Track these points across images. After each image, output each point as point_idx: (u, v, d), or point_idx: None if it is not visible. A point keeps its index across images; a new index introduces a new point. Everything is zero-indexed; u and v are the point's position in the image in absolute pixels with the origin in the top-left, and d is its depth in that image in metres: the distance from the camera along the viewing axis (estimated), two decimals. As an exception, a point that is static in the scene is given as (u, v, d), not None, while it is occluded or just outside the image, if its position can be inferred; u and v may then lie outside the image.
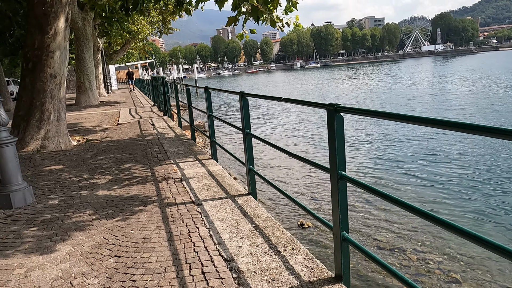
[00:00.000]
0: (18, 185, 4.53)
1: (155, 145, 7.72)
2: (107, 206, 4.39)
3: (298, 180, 8.76)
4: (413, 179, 8.68)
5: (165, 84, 11.98)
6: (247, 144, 4.25)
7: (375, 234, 6.07)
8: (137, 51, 42.58)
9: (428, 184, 8.37)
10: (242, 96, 4.16)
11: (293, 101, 3.22)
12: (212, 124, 6.19)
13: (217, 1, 5.42)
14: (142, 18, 24.02)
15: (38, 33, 7.58)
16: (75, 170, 6.16)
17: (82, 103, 19.54)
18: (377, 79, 49.58)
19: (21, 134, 7.65)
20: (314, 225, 6.31)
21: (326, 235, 5.98)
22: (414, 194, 7.81)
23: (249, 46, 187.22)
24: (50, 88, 7.76)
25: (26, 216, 4.23)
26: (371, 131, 14.53)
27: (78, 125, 11.86)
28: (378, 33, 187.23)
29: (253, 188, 4.35)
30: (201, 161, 6.13)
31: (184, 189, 4.74)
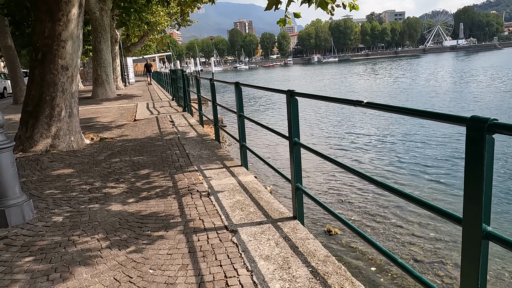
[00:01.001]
0: (15, 199, 3.77)
1: (176, 147, 6.91)
2: (120, 227, 3.58)
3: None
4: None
5: (185, 77, 11.16)
6: (294, 157, 3.37)
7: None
8: (155, 44, 42.01)
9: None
10: (291, 95, 3.28)
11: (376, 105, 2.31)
12: (243, 126, 5.33)
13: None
14: (161, 9, 23.28)
15: (48, 20, 6.82)
16: (86, 176, 5.39)
17: (99, 96, 18.95)
18: (396, 74, 47.88)
19: (29, 131, 6.95)
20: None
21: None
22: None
23: (266, 39, 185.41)
24: (61, 81, 7.02)
25: (22, 239, 3.46)
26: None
27: (93, 120, 11.18)
28: (399, 27, 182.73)
29: (300, 211, 3.48)
30: (230, 169, 5.28)
31: (213, 207, 3.90)
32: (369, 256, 5.54)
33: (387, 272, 5.17)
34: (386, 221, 6.44)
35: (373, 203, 7.14)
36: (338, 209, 7.02)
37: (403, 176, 8.61)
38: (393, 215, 6.64)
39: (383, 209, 6.91)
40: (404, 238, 5.84)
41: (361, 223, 6.43)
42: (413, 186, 7.89)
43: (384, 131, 13.52)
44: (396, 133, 13.03)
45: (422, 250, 5.67)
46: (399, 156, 10.26)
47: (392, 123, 14.64)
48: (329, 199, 7.54)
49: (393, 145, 11.52)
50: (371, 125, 14.86)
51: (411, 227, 6.14)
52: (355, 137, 13.04)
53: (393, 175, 8.64)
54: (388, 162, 9.70)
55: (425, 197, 7.14)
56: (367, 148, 11.39)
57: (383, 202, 7.10)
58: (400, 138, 12.25)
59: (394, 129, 13.67)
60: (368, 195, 7.51)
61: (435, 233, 6.08)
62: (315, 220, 6.52)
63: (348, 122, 16.03)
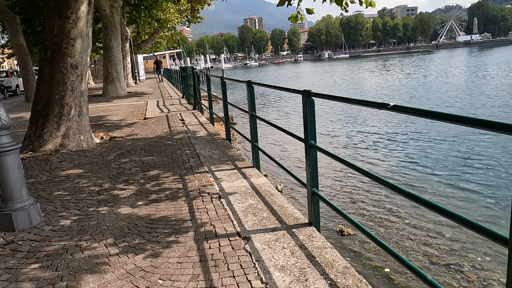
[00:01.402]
0: (22, 202, 3.67)
1: (186, 146, 6.78)
2: (129, 232, 3.46)
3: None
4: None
5: (196, 75, 11.02)
6: (310, 160, 3.19)
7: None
8: (165, 41, 42.05)
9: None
10: (308, 96, 3.10)
11: (405, 109, 2.12)
12: (255, 126, 5.16)
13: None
14: (171, 6, 23.18)
15: (57, 18, 6.73)
16: (95, 177, 5.29)
17: (109, 94, 18.96)
18: (407, 71, 47.07)
19: (39, 131, 6.89)
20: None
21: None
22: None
23: (276, 36, 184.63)
24: (70, 80, 6.94)
25: (28, 245, 3.36)
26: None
27: (103, 119, 11.13)
28: (411, 22, 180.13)
29: (316, 218, 3.31)
30: (241, 170, 5.12)
31: (225, 212, 3.75)
32: (383, 258, 5.36)
33: (402, 274, 5.00)
34: (406, 227, 6.22)
35: (390, 208, 6.92)
36: (353, 213, 6.83)
37: (429, 182, 8.20)
38: (414, 220, 6.43)
39: (401, 214, 6.69)
40: (424, 242, 5.64)
41: (377, 228, 6.23)
42: (441, 196, 7.50)
43: (406, 134, 12.86)
44: (420, 136, 12.29)
45: (438, 252, 5.48)
46: (425, 161, 9.63)
47: (415, 125, 13.95)
48: (343, 202, 7.35)
49: (416, 148, 10.92)
50: (392, 126, 14.28)
51: (437, 236, 5.93)
52: (373, 138, 12.58)
53: (418, 182, 8.26)
54: (412, 168, 9.16)
55: (451, 206, 6.86)
56: (387, 151, 10.89)
57: (403, 208, 6.88)
58: (424, 142, 11.54)
59: (417, 132, 12.98)
60: (386, 200, 7.27)
61: (451, 234, 5.86)
62: (326, 219, 6.35)
63: (366, 122, 15.63)
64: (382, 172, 8.98)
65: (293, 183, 8.11)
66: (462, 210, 6.73)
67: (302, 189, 7.46)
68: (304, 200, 7.04)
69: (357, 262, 5.33)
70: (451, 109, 17.58)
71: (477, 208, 6.82)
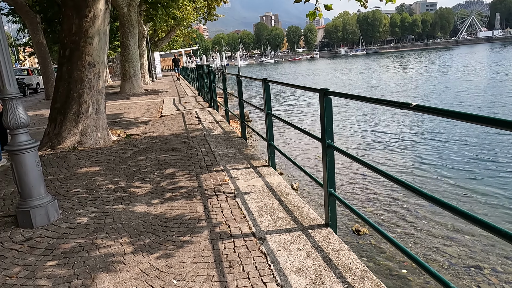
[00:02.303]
0: (40, 199, 3.72)
1: (201, 144, 6.78)
2: (144, 231, 3.46)
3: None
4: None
5: (212, 73, 11.02)
6: (327, 160, 3.12)
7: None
8: (181, 38, 42.27)
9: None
10: (325, 95, 3.03)
11: (428, 109, 2.03)
12: (271, 124, 5.11)
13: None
14: (187, 4, 23.27)
15: (75, 17, 6.81)
16: (111, 174, 5.34)
17: (127, 91, 19.18)
18: (426, 68, 46.08)
19: (58, 128, 6.99)
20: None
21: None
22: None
23: (292, 33, 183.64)
24: (88, 78, 7.02)
25: (46, 242, 3.39)
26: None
27: (120, 116, 11.25)
28: (430, 18, 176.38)
29: (333, 219, 3.24)
30: (256, 169, 5.08)
31: (240, 211, 3.72)
32: (400, 258, 5.25)
33: (419, 276, 4.89)
34: (424, 228, 6.09)
35: (407, 209, 6.77)
36: (370, 213, 6.71)
37: (449, 184, 7.95)
38: (432, 221, 6.28)
39: (419, 215, 6.54)
40: (442, 244, 5.50)
41: (394, 229, 6.11)
42: (460, 198, 7.26)
43: (426, 134, 12.48)
44: (441, 137, 11.90)
45: (457, 254, 5.33)
46: (445, 162, 9.33)
47: (436, 125, 13.52)
48: (360, 202, 7.23)
49: (437, 149, 10.60)
50: (411, 126, 13.94)
51: (456, 238, 5.78)
52: (390, 138, 12.30)
53: (437, 183, 8.02)
54: (431, 169, 8.90)
55: (470, 208, 6.65)
56: (405, 151, 10.63)
57: (420, 209, 6.73)
58: (445, 142, 11.18)
59: (438, 132, 12.60)
60: (403, 201, 7.12)
61: (471, 236, 5.70)
62: (342, 217, 6.26)
63: (383, 121, 15.35)
64: (399, 173, 8.80)
65: (308, 181, 8.03)
66: (483, 213, 6.54)
67: (318, 188, 7.38)
68: (320, 200, 6.96)
69: (374, 262, 5.25)
70: (473, 108, 17.11)
71: (498, 211, 6.61)
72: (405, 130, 13.37)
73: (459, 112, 1.75)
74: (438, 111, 1.85)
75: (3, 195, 4.77)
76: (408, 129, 13.51)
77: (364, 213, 6.47)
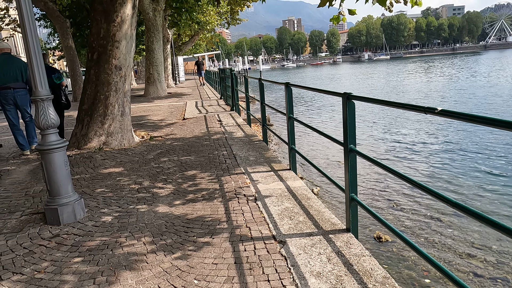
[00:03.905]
0: (67, 198, 3.84)
1: (223, 147, 6.84)
2: (166, 231, 3.52)
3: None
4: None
5: (234, 76, 11.12)
6: (350, 165, 3.11)
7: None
8: (204, 42, 42.80)
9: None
10: (348, 99, 3.02)
11: (454, 114, 2.00)
12: (292, 128, 5.11)
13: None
14: (211, 9, 23.58)
15: (104, 21, 7.02)
16: (135, 175, 5.45)
17: (151, 94, 19.56)
18: (451, 73, 44.91)
19: (85, 129, 7.21)
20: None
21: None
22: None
23: (314, 37, 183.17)
24: (114, 80, 7.21)
25: (72, 239, 3.50)
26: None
27: (144, 119, 11.48)
28: (457, 22, 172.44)
29: (354, 224, 3.21)
30: (277, 172, 5.09)
31: (260, 214, 3.73)
32: (422, 267, 5.14)
33: (443, 285, 4.76)
34: (449, 236, 5.94)
35: (431, 216, 6.62)
36: (392, 220, 6.60)
37: (474, 190, 7.73)
38: (458, 230, 6.12)
39: (443, 223, 6.39)
40: (468, 253, 5.34)
41: (417, 237, 5.98)
42: (487, 205, 7.03)
43: (451, 139, 12.20)
44: (467, 143, 11.59)
45: (484, 265, 5.17)
46: (471, 169, 9.11)
47: (463, 131, 13.16)
48: (382, 208, 7.12)
49: (462, 155, 10.32)
50: (436, 131, 13.62)
51: (483, 248, 5.62)
52: (413, 143, 12.04)
53: (462, 190, 7.82)
54: (457, 175, 8.70)
55: (498, 217, 6.46)
56: (429, 157, 10.37)
57: (445, 216, 6.57)
58: (472, 148, 10.87)
59: (464, 138, 12.27)
60: (427, 208, 6.96)
61: (498, 245, 5.52)
62: (363, 224, 6.17)
63: (406, 126, 15.07)
64: (422, 179, 8.61)
65: (329, 186, 7.97)
66: None
67: (339, 192, 7.31)
68: (341, 205, 6.90)
69: (395, 270, 5.15)
70: (501, 114, 16.58)
71: None
72: (430, 136, 13.08)
73: (485, 117, 1.71)
74: (464, 116, 1.82)
75: (32, 192, 4.95)
76: (434, 135, 13.21)
77: (386, 219, 6.37)
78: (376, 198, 7.54)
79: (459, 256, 5.31)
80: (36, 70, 3.60)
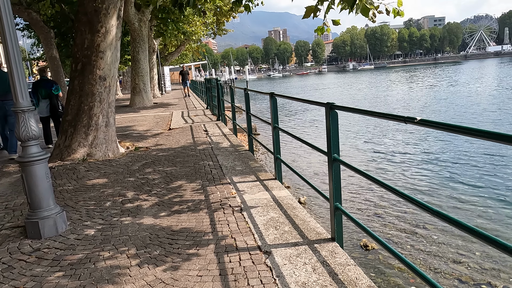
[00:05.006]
0: (49, 211, 3.76)
1: (209, 157, 6.82)
2: (150, 243, 3.47)
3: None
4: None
5: (220, 86, 11.14)
6: (334, 174, 3.13)
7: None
8: (191, 53, 42.88)
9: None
10: (331, 109, 3.05)
11: (434, 123, 2.04)
12: (277, 138, 5.14)
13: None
14: (197, 19, 23.68)
15: (88, 32, 6.98)
16: (119, 186, 5.38)
17: (136, 105, 19.42)
18: (433, 82, 45.90)
19: (68, 140, 7.10)
20: None
21: None
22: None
23: (300, 47, 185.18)
24: (99, 91, 7.15)
25: (54, 253, 3.42)
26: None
27: (130, 129, 11.38)
28: (438, 33, 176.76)
29: (339, 233, 3.23)
30: (263, 182, 5.09)
31: (246, 225, 3.72)
32: (408, 275, 5.17)
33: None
34: (433, 244, 6.00)
35: (416, 225, 6.68)
36: (378, 229, 6.64)
37: (456, 199, 7.86)
38: (441, 237, 6.20)
39: (428, 231, 6.46)
40: (452, 260, 5.41)
41: (402, 245, 6.03)
42: (468, 213, 7.15)
43: (432, 149, 12.35)
44: (448, 152, 11.77)
45: (468, 271, 5.24)
46: (452, 177, 9.25)
47: (443, 140, 13.33)
48: (367, 217, 7.17)
49: (444, 164, 10.48)
50: (417, 140, 13.80)
51: (466, 254, 5.69)
52: (395, 152, 12.19)
53: (444, 198, 7.95)
54: (438, 183, 8.82)
55: (478, 224, 6.56)
56: (410, 166, 10.52)
57: (430, 225, 6.65)
58: (451, 157, 11.04)
59: (444, 147, 12.46)
60: (411, 217, 7.04)
61: (481, 252, 5.60)
62: (350, 232, 6.20)
63: (389, 136, 15.29)
64: (405, 188, 8.73)
65: (315, 195, 8.00)
66: (491, 228, 6.44)
67: (325, 202, 7.34)
68: (326, 213, 6.93)
69: (382, 278, 5.18)
70: (480, 123, 16.97)
71: (507, 227, 6.51)
72: (411, 144, 13.30)
73: (464, 127, 1.75)
74: (443, 125, 1.86)
75: (13, 206, 4.83)
76: (414, 143, 13.43)
77: (370, 227, 6.42)
78: (361, 207, 7.59)
79: (444, 263, 5.37)
80: (17, 81, 3.55)
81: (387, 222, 6.81)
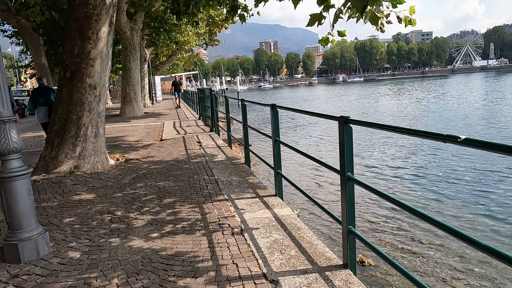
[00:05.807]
0: (30, 232, 3.40)
1: (203, 171, 6.50)
2: (143, 269, 3.13)
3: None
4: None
5: (214, 97, 10.86)
6: (347, 194, 2.85)
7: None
8: (182, 62, 42.66)
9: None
10: (345, 123, 2.79)
11: (479, 143, 1.78)
12: (278, 152, 4.86)
13: None
14: (189, 29, 23.48)
15: (78, 38, 6.66)
16: (108, 202, 5.02)
17: (127, 114, 19.00)
18: (422, 95, 46.33)
19: (54, 151, 6.72)
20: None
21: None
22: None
23: (291, 59, 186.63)
24: (88, 100, 6.81)
25: (34, 280, 3.06)
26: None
27: (120, 139, 10.99)
28: (426, 47, 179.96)
29: (352, 259, 2.94)
30: (263, 199, 4.79)
31: (248, 248, 3.41)
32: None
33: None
34: (456, 267, 5.67)
35: (438, 250, 6.14)
36: (392, 250, 6.26)
37: (476, 217, 7.43)
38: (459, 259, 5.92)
39: (449, 254, 6.14)
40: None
41: (420, 270, 5.70)
42: (487, 232, 6.82)
43: (453, 165, 11.69)
44: (468, 168, 11.14)
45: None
46: (465, 193, 8.82)
47: (457, 155, 12.67)
48: (379, 238, 6.66)
49: (461, 180, 9.94)
50: (436, 156, 13.09)
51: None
52: (408, 168, 11.61)
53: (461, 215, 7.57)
54: (453, 200, 8.39)
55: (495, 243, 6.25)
56: (423, 182, 9.94)
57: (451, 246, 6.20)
58: (475, 174, 10.44)
59: (460, 162, 11.87)
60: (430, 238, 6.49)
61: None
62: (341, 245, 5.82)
63: (397, 149, 14.68)
64: (423, 207, 8.13)
65: (319, 211, 7.55)
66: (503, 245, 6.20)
67: (328, 218, 7.02)
68: (332, 232, 6.50)
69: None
70: (471, 133, 16.93)
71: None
72: (418, 157, 12.97)
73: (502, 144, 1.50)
74: (491, 146, 1.60)
75: (-9, 224, 4.44)
76: (417, 155, 13.16)
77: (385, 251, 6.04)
78: (373, 228, 7.06)
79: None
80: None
81: (404, 245, 6.28)
